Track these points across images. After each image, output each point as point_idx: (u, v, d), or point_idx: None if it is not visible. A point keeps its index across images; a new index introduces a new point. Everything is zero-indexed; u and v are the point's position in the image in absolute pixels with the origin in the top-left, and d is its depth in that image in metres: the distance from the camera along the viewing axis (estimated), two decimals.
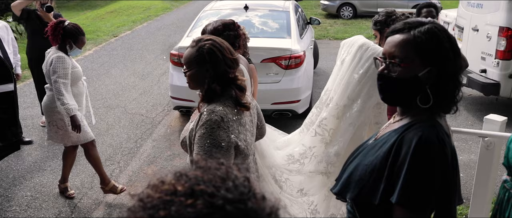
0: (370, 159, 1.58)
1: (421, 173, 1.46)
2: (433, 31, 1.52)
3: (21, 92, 7.45)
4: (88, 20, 16.62)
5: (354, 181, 1.60)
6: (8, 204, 4.39)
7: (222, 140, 2.08)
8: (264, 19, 6.86)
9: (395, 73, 1.53)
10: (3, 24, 5.72)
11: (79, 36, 4.19)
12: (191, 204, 0.71)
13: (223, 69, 2.18)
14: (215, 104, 2.16)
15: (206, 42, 2.20)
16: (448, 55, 1.52)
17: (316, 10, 18.20)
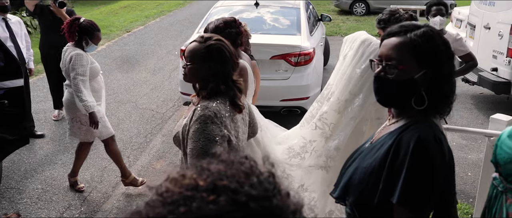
0: (369, 161, 1.61)
1: (420, 173, 1.49)
2: (429, 34, 1.55)
3: (34, 86, 7.57)
4: (102, 15, 16.76)
5: (354, 185, 1.63)
6: (20, 196, 4.48)
7: (216, 135, 2.13)
8: (274, 16, 6.87)
9: (392, 75, 1.55)
10: (17, 20, 5.81)
11: (94, 32, 4.25)
12: (214, 200, 0.67)
13: (228, 70, 2.23)
14: (209, 101, 2.21)
15: (217, 41, 2.24)
16: (443, 58, 1.55)
17: (329, 6, 18.13)
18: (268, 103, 6.00)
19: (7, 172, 4.88)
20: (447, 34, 4.46)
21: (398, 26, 1.59)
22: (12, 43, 5.52)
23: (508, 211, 1.93)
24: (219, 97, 2.23)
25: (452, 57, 1.58)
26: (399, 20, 3.48)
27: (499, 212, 1.97)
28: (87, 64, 4.13)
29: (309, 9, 7.86)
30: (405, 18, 3.51)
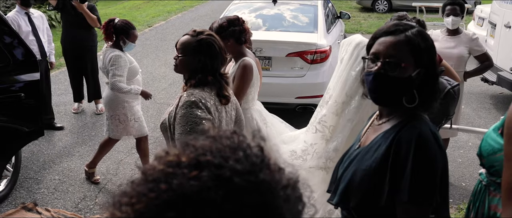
0: (367, 163, 1.61)
1: (425, 170, 1.52)
2: (423, 33, 1.59)
3: (55, 79, 7.74)
4: (125, 9, 16.97)
5: (354, 188, 1.63)
6: (37, 187, 4.61)
7: (202, 118, 2.25)
8: (291, 13, 6.88)
9: (393, 73, 1.56)
10: (39, 14, 5.95)
11: (130, 30, 4.36)
12: (195, 176, 0.65)
13: (217, 63, 2.36)
14: (195, 89, 2.34)
15: (208, 36, 2.37)
16: (434, 57, 1.59)
17: (351, 3, 18.01)
18: (283, 100, 6.03)
19: (26, 163, 5.03)
20: (463, 33, 4.42)
21: (393, 24, 1.61)
22: (34, 37, 5.67)
23: (490, 204, 1.95)
24: (206, 87, 2.36)
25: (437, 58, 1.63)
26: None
27: (481, 206, 2.00)
28: (126, 65, 4.25)
29: (327, 7, 7.84)
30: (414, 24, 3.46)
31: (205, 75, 2.35)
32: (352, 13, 16.27)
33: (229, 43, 3.14)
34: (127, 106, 4.28)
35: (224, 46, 2.43)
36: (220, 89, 2.38)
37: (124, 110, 4.27)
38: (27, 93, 3.66)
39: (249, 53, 3.26)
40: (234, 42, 3.17)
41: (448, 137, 4.57)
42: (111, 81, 4.16)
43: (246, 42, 3.25)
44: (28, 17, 5.68)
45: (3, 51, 3.61)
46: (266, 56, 5.96)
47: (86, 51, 6.33)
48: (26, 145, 5.25)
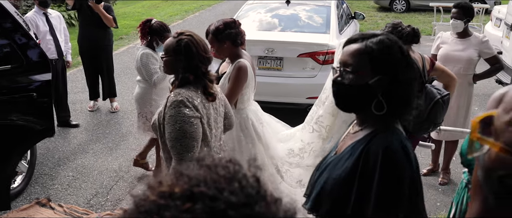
0: (338, 172, 1.64)
1: (391, 182, 1.54)
2: (384, 41, 1.60)
3: (72, 78, 7.91)
4: (144, 8, 17.17)
5: (326, 196, 1.67)
6: (51, 182, 4.74)
7: (190, 116, 2.34)
8: (304, 13, 6.91)
9: (347, 81, 1.61)
10: (56, 14, 6.10)
11: (164, 33, 4.47)
12: (188, 209, 0.63)
13: (195, 63, 2.44)
14: (182, 88, 2.43)
15: (186, 37, 2.46)
16: (398, 64, 1.59)
17: (368, 2, 17.91)
18: (294, 100, 6.07)
19: (42, 159, 5.17)
20: (473, 36, 4.39)
21: (358, 34, 1.67)
22: (51, 36, 5.81)
23: (468, 201, 1.99)
24: (191, 86, 2.44)
25: (409, 65, 1.61)
26: (401, 33, 3.48)
27: (460, 204, 2.04)
28: (157, 62, 4.37)
29: (341, 7, 7.84)
30: (407, 31, 3.51)
31: (186, 74, 2.44)
32: (369, 12, 16.21)
33: (226, 45, 3.23)
34: (154, 104, 4.39)
35: (204, 45, 2.50)
36: (205, 87, 2.46)
37: (152, 107, 4.38)
38: (39, 93, 3.78)
39: (245, 55, 3.32)
40: (230, 44, 3.24)
41: (457, 138, 4.57)
42: (153, 81, 4.30)
43: (242, 44, 3.32)
44: (46, 17, 5.83)
45: (17, 52, 3.73)
46: (277, 57, 6.01)
47: (102, 50, 6.46)
48: (42, 142, 5.42)
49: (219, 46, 3.25)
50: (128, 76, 8.31)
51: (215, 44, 3.26)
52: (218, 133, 2.64)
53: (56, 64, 5.82)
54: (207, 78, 2.48)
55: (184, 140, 2.35)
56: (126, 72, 8.56)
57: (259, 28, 6.65)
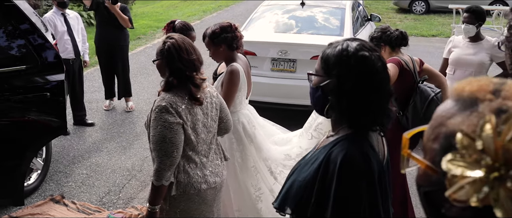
0: (303, 175, 1.66)
1: (348, 190, 1.55)
2: (341, 48, 1.62)
3: (89, 77, 8.05)
4: (162, 8, 17.34)
5: (291, 196, 1.69)
6: (66, 180, 4.85)
7: (171, 123, 2.38)
8: (319, 15, 6.92)
9: (310, 83, 1.71)
10: (75, 14, 6.22)
11: (187, 31, 4.54)
12: None
13: (177, 67, 2.46)
14: (167, 93, 2.46)
15: (170, 40, 2.50)
16: (347, 72, 1.59)
17: (387, 4, 17.79)
18: (307, 102, 6.05)
19: (57, 157, 5.28)
20: (485, 40, 4.36)
21: (334, 41, 1.70)
22: (69, 36, 5.93)
23: None
24: (178, 90, 2.47)
25: (362, 74, 1.59)
26: (390, 37, 3.62)
27: None
28: None
29: (357, 9, 7.82)
30: (395, 35, 3.63)
31: (170, 78, 2.48)
32: (388, 14, 16.11)
33: (221, 49, 3.28)
34: None
35: (186, 48, 2.49)
36: (190, 92, 2.47)
37: None
38: (52, 92, 3.87)
39: (239, 59, 3.36)
40: (226, 48, 3.29)
41: None
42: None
43: (238, 49, 3.36)
44: (64, 18, 5.95)
45: (32, 53, 3.84)
46: (291, 59, 6.04)
47: (118, 50, 6.56)
48: (58, 140, 5.55)
49: (215, 50, 3.30)
50: (144, 76, 8.42)
51: (211, 47, 3.32)
52: (209, 137, 2.66)
53: (73, 63, 5.94)
54: (191, 83, 2.48)
55: (164, 145, 2.39)
56: (142, 72, 8.67)
57: (273, 30, 6.68)
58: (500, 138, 0.70)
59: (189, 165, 2.57)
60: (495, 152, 0.70)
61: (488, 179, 0.70)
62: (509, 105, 0.73)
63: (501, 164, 0.70)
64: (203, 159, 2.63)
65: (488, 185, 0.70)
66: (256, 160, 3.26)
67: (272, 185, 3.25)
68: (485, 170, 0.71)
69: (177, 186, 2.54)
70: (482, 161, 0.71)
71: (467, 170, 0.71)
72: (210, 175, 2.66)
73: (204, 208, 2.69)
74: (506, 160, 0.70)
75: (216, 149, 2.79)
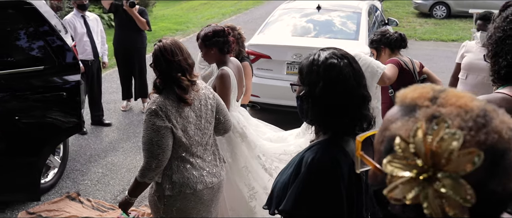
0: (283, 177, 1.73)
1: (310, 192, 1.59)
2: (313, 58, 1.71)
3: (108, 78, 8.22)
4: (182, 11, 17.54)
5: (274, 197, 1.76)
6: (82, 178, 4.98)
7: (159, 126, 2.46)
8: (334, 20, 6.94)
9: (295, 92, 1.81)
10: (94, 17, 6.37)
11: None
12: None
13: (162, 69, 2.55)
14: (159, 96, 2.55)
15: (158, 43, 2.61)
16: (316, 79, 1.67)
17: (408, 8, 17.66)
18: None
19: (74, 155, 5.42)
20: None
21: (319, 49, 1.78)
22: (88, 38, 6.08)
23: None
24: (169, 93, 2.55)
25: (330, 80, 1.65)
26: (389, 40, 3.77)
27: None
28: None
29: (374, 14, 7.82)
30: (394, 38, 3.77)
31: (157, 79, 2.58)
32: (408, 18, 16.00)
33: (213, 52, 3.36)
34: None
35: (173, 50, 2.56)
36: (177, 93, 2.54)
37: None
38: (69, 92, 4.01)
39: (231, 63, 3.44)
40: (217, 51, 3.37)
41: None
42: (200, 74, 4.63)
43: (229, 52, 3.44)
44: (83, 20, 6.10)
45: (50, 54, 3.97)
46: None
47: (135, 52, 6.69)
48: (75, 139, 5.70)
49: (207, 52, 3.39)
50: None
51: (203, 49, 3.40)
52: (205, 138, 2.72)
53: (92, 65, 6.09)
54: (177, 84, 2.54)
55: (151, 146, 2.47)
56: None
57: (289, 33, 6.73)
58: (429, 142, 0.76)
59: (184, 165, 2.63)
60: (425, 155, 0.77)
61: (419, 180, 0.77)
62: (442, 112, 0.79)
63: (430, 166, 0.77)
64: (198, 160, 2.70)
65: (418, 185, 0.78)
66: (247, 159, 3.30)
67: (267, 182, 3.28)
68: (416, 172, 0.78)
69: (173, 186, 2.61)
70: (414, 163, 0.78)
71: (401, 171, 0.78)
72: (207, 175, 2.72)
73: (201, 208, 2.75)
74: (434, 162, 0.76)
75: (215, 150, 2.85)
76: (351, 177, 1.62)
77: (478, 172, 0.75)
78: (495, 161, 0.77)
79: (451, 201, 0.75)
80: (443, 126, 0.77)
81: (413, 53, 10.84)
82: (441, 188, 0.76)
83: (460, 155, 0.75)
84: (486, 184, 0.76)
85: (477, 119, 0.78)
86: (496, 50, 1.86)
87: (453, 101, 0.81)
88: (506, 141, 0.78)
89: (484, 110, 0.80)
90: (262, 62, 6.18)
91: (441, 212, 0.76)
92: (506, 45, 1.83)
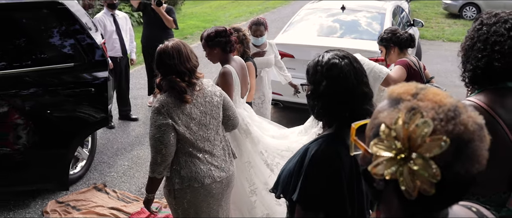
0: (290, 165, 1.89)
1: (313, 181, 1.76)
2: (317, 59, 1.88)
3: (136, 74, 8.45)
4: (211, 9, 17.75)
5: (280, 183, 1.92)
6: (109, 170, 5.19)
7: (161, 124, 2.62)
8: (358, 20, 6.98)
9: (304, 92, 1.95)
10: (123, 15, 6.59)
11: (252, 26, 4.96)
12: None
13: (163, 70, 2.71)
14: (163, 94, 2.70)
15: (161, 45, 2.76)
16: (319, 78, 1.83)
17: (437, 8, 17.46)
18: None
19: (102, 148, 5.65)
20: None
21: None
22: (117, 35, 6.30)
23: None
24: (172, 92, 2.69)
25: (331, 78, 1.81)
26: (400, 39, 3.87)
27: None
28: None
29: (399, 15, 7.82)
30: (405, 38, 3.87)
31: (160, 79, 2.73)
32: (437, 19, 15.81)
33: (216, 52, 3.54)
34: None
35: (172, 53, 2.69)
36: (178, 93, 2.67)
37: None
38: (97, 88, 4.21)
39: (233, 61, 3.59)
40: (220, 50, 3.53)
41: None
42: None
43: (232, 51, 3.60)
44: (113, 18, 6.32)
45: (81, 52, 4.18)
46: None
47: None
48: (103, 133, 5.93)
49: (210, 51, 3.55)
50: None
51: (206, 49, 3.56)
52: (211, 134, 2.84)
53: (120, 61, 6.31)
54: (172, 86, 2.67)
55: (154, 142, 2.64)
56: None
57: (312, 33, 6.81)
58: (406, 129, 0.94)
59: (192, 160, 2.76)
60: (402, 139, 0.94)
61: (397, 159, 0.95)
62: (420, 105, 0.97)
63: (406, 148, 0.94)
64: (206, 155, 2.82)
65: (396, 163, 0.95)
66: (251, 155, 3.41)
67: (268, 177, 3.40)
68: (394, 152, 0.95)
69: (182, 180, 2.75)
70: (394, 145, 0.96)
71: (383, 152, 0.97)
72: (215, 170, 2.84)
73: (211, 201, 2.88)
74: (410, 145, 0.93)
75: (225, 146, 2.98)
76: (352, 169, 1.78)
77: (446, 156, 0.91)
78: (460, 148, 0.92)
79: (421, 177, 0.91)
80: (418, 116, 0.94)
81: (440, 54, 10.77)
82: (414, 166, 0.92)
83: (431, 140, 0.91)
84: (452, 166, 0.92)
85: (448, 112, 0.95)
86: (466, 56, 2.02)
87: (430, 98, 0.98)
88: (471, 132, 0.94)
89: (455, 106, 0.96)
90: (285, 61, 6.27)
91: (413, 186, 0.92)
92: (473, 51, 1.98)
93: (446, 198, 0.97)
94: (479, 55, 1.94)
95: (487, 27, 1.95)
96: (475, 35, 1.98)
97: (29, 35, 4.14)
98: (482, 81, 1.96)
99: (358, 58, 3.28)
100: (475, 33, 1.99)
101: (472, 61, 1.97)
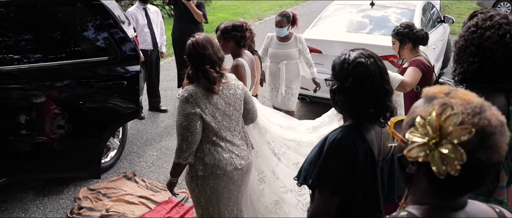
0: (311, 154, 2.04)
1: (329, 165, 1.91)
2: (344, 57, 2.00)
3: (166, 67, 8.62)
4: (240, 1, 17.80)
5: (303, 171, 2.06)
6: (138, 160, 5.36)
7: (189, 113, 2.75)
8: (388, 16, 6.96)
9: (328, 87, 2.08)
10: (155, 9, 6.74)
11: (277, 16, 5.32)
12: None
13: (195, 61, 2.83)
14: (191, 85, 2.82)
15: (192, 38, 2.88)
16: (346, 75, 1.95)
17: (470, 4, 17.10)
18: None
19: (132, 139, 5.83)
20: None
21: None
22: (149, 29, 6.46)
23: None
24: (199, 82, 2.82)
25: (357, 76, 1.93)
26: (416, 35, 3.95)
27: None
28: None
29: (429, 11, 7.74)
30: (421, 35, 3.97)
31: (190, 70, 2.87)
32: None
33: (230, 44, 3.66)
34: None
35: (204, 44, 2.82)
36: (206, 83, 2.80)
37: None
38: (129, 81, 4.36)
39: (245, 55, 3.71)
40: (234, 44, 3.65)
41: None
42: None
43: (245, 47, 3.72)
44: (145, 12, 6.48)
45: (114, 46, 4.33)
46: None
47: None
48: (134, 124, 6.10)
49: (224, 43, 3.65)
50: None
51: (221, 40, 3.67)
52: (233, 124, 2.98)
53: (151, 54, 6.47)
54: (205, 75, 2.80)
55: (181, 129, 2.78)
56: None
57: (341, 29, 6.82)
58: (439, 119, 1.13)
59: (215, 148, 2.90)
60: (435, 128, 1.13)
61: (429, 144, 1.13)
62: (452, 102, 1.15)
63: (437, 135, 1.12)
64: (227, 144, 2.96)
65: (428, 148, 1.13)
66: (258, 144, 3.50)
67: (275, 166, 3.50)
68: (427, 139, 1.13)
69: (205, 167, 2.89)
70: (427, 132, 1.14)
71: (417, 138, 1.15)
72: (236, 158, 2.99)
73: (233, 188, 3.03)
74: (441, 133, 1.12)
75: (243, 136, 3.12)
76: (366, 160, 1.92)
77: (470, 144, 1.09)
78: (483, 138, 1.10)
79: (449, 160, 1.09)
80: (449, 109, 1.12)
81: None
82: (443, 150, 1.10)
83: (459, 129, 1.10)
84: (475, 153, 1.10)
85: (474, 108, 1.14)
86: (458, 56, 2.08)
87: (460, 96, 1.17)
88: (494, 126, 1.12)
89: (481, 104, 1.15)
90: (313, 56, 6.30)
91: (442, 167, 1.10)
92: (466, 54, 2.03)
93: (468, 182, 1.14)
94: (471, 59, 2.01)
95: (481, 31, 2.00)
96: (469, 37, 2.03)
97: (65, 29, 4.30)
98: (471, 82, 2.04)
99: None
100: (469, 35, 2.03)
101: (464, 65, 2.04)
